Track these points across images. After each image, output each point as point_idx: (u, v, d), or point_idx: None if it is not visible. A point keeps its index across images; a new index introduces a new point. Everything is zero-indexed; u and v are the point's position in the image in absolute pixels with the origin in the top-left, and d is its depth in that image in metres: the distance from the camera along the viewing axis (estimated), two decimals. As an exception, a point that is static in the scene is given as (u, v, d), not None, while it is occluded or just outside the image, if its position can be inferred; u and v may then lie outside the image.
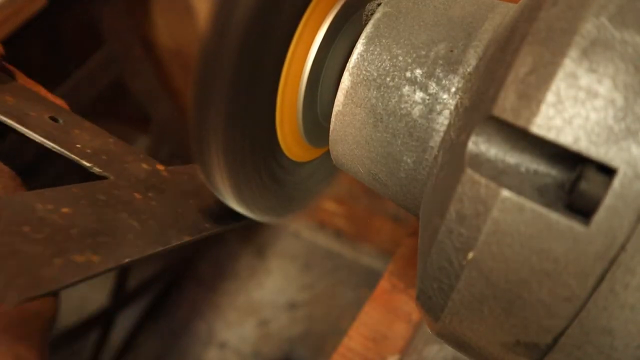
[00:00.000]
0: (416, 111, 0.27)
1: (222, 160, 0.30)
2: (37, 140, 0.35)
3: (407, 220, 0.91)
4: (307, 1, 0.30)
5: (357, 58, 0.29)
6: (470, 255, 0.22)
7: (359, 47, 0.29)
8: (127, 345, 0.92)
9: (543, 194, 0.20)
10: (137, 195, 0.35)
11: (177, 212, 0.35)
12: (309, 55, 0.31)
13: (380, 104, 0.28)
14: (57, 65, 0.77)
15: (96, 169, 0.35)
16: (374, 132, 0.29)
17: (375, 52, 0.28)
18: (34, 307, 0.25)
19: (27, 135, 0.35)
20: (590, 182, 0.19)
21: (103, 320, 0.87)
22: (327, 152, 0.34)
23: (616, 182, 0.18)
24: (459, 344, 0.26)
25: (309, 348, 0.91)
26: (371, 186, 0.32)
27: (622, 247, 0.19)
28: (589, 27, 0.20)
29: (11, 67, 0.41)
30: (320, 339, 0.92)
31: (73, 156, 0.35)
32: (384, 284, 0.58)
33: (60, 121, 0.38)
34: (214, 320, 0.95)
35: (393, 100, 0.28)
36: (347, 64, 0.29)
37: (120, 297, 0.89)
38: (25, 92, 0.39)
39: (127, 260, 0.30)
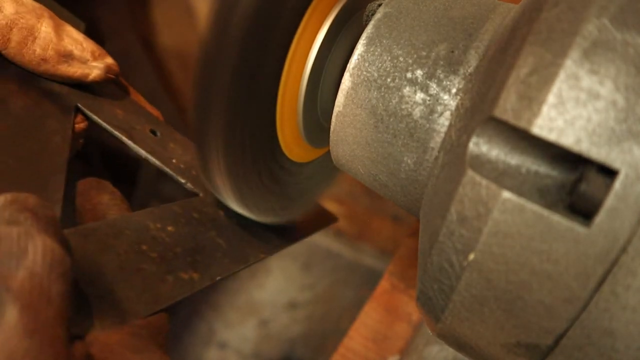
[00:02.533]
0: (417, 112, 0.27)
1: (222, 161, 0.30)
2: (142, 155, 0.37)
3: (407, 220, 0.91)
4: (307, 1, 0.30)
5: (358, 59, 0.29)
6: (471, 256, 0.22)
7: (359, 48, 0.29)
8: (127, 345, 0.92)
9: (544, 195, 0.20)
10: (221, 213, 0.36)
11: (253, 230, 0.37)
12: (309, 55, 0.31)
13: (380, 104, 0.28)
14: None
15: (189, 185, 0.37)
16: (374, 132, 0.29)
17: (376, 53, 0.28)
18: (157, 321, 0.27)
19: (134, 150, 0.37)
20: (591, 184, 0.19)
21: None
22: (328, 153, 0.34)
23: (617, 184, 0.18)
24: (460, 345, 0.26)
25: (309, 348, 0.91)
26: (371, 187, 0.32)
27: (624, 249, 0.19)
28: (590, 28, 0.19)
29: (124, 82, 0.42)
30: (320, 339, 0.92)
31: (171, 172, 0.37)
32: (384, 284, 0.58)
33: (158, 134, 0.40)
34: (214, 320, 0.95)
35: (394, 101, 0.28)
36: (348, 65, 0.29)
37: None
38: (131, 105, 0.41)
39: (218, 278, 0.32)
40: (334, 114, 0.30)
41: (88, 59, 0.37)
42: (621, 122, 0.19)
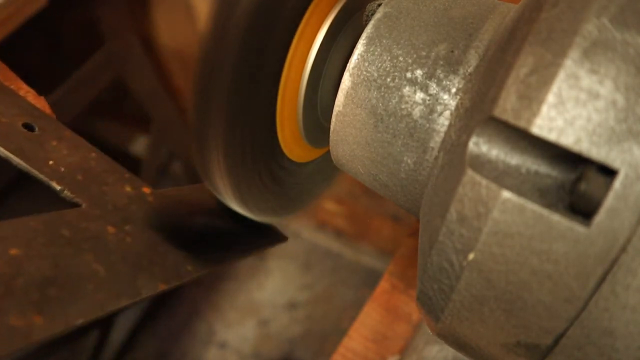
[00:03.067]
0: (417, 112, 0.27)
1: (222, 161, 0.30)
2: (2, 155, 0.30)
3: (407, 220, 0.91)
4: (307, 1, 0.30)
5: (358, 58, 0.29)
6: (471, 256, 0.22)
7: (359, 48, 0.29)
8: (127, 345, 0.92)
9: (544, 195, 0.20)
10: (110, 229, 0.29)
11: (156, 250, 0.30)
12: (309, 55, 0.31)
13: (380, 104, 0.28)
14: (57, 65, 0.77)
15: (67, 193, 0.30)
16: (374, 132, 0.29)
17: (376, 53, 0.28)
18: None
19: None
20: (591, 183, 0.19)
21: (103, 320, 0.87)
22: (328, 153, 0.34)
23: (617, 183, 0.18)
24: (460, 345, 0.26)
25: (309, 348, 0.91)
26: (372, 187, 0.32)
27: (623, 248, 0.19)
28: (590, 28, 0.20)
29: None
30: (320, 339, 0.92)
31: (42, 176, 0.30)
32: (384, 284, 0.58)
33: (36, 129, 0.33)
34: (214, 320, 0.95)
35: (393, 101, 0.28)
36: (348, 65, 0.29)
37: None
38: (0, 90, 0.34)
39: (79, 321, 0.24)
40: (334, 113, 0.30)
41: None
42: (621, 121, 0.19)
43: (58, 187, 0.30)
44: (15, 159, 0.30)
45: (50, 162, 0.31)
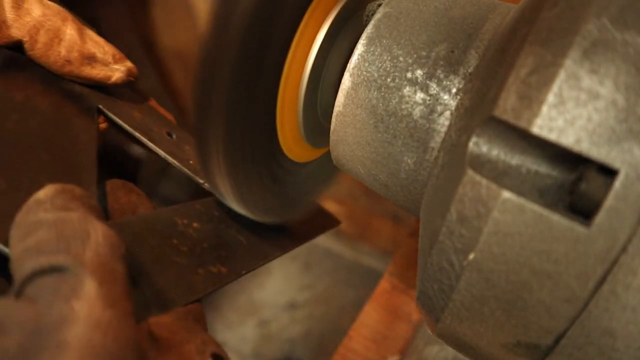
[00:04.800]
0: (417, 112, 0.27)
1: (222, 161, 0.30)
2: (162, 155, 0.38)
3: (407, 220, 0.91)
4: (307, 1, 0.30)
5: (358, 59, 0.29)
6: (471, 256, 0.22)
7: (359, 48, 0.29)
8: (127, 345, 0.92)
9: (544, 195, 0.20)
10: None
11: (267, 229, 0.37)
12: (309, 55, 0.31)
13: (380, 104, 0.28)
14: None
15: (207, 186, 0.37)
16: (374, 132, 0.29)
17: (376, 53, 0.28)
18: (195, 309, 0.28)
19: (154, 150, 0.38)
20: (591, 183, 0.19)
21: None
22: (328, 153, 0.34)
23: (617, 183, 0.18)
24: (460, 345, 0.26)
25: (309, 348, 0.91)
26: (372, 187, 0.32)
27: (624, 249, 0.19)
28: (590, 28, 0.20)
29: (140, 90, 0.43)
30: (320, 339, 0.92)
31: (189, 172, 0.38)
32: (384, 284, 0.58)
33: (174, 136, 0.41)
34: (214, 320, 0.95)
35: (394, 101, 0.28)
36: (348, 65, 0.29)
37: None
38: (147, 108, 0.42)
39: (244, 272, 0.33)
40: (334, 114, 0.30)
41: (110, 62, 0.38)
42: (621, 121, 0.19)
43: (201, 181, 0.38)
44: (170, 159, 0.38)
45: (191, 162, 0.39)
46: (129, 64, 0.39)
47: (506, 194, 0.20)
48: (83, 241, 0.21)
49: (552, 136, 0.19)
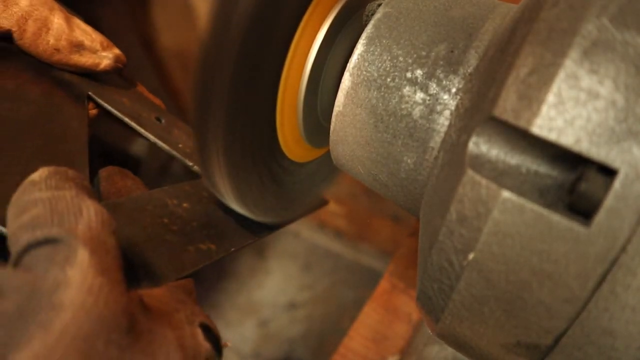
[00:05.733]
0: (417, 112, 0.27)
1: (222, 161, 0.30)
2: (151, 140, 0.39)
3: (407, 220, 0.91)
4: (307, 1, 0.30)
5: (358, 58, 0.29)
6: (471, 256, 0.22)
7: (359, 48, 0.29)
8: (127, 345, 0.92)
9: (544, 195, 0.20)
10: None
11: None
12: (309, 55, 0.31)
13: (380, 104, 0.28)
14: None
15: (196, 168, 0.39)
16: (374, 132, 0.29)
17: (376, 53, 0.28)
18: (186, 284, 0.29)
19: (144, 135, 0.39)
20: (591, 183, 0.19)
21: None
22: (328, 153, 0.34)
23: (617, 183, 0.18)
24: (460, 345, 0.26)
25: (309, 348, 0.91)
26: (372, 187, 0.32)
27: (623, 249, 0.19)
28: (590, 28, 0.20)
29: (127, 74, 0.44)
30: (320, 339, 0.92)
31: (178, 155, 0.39)
32: (384, 284, 0.58)
33: (163, 121, 0.42)
34: (214, 320, 0.95)
35: (393, 101, 0.28)
36: (348, 65, 0.29)
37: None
38: (135, 94, 0.43)
39: (232, 249, 0.34)
40: (334, 113, 0.30)
41: (98, 49, 0.39)
42: (621, 121, 0.19)
43: (190, 163, 0.39)
44: (161, 144, 0.39)
45: (180, 145, 0.40)
46: (116, 50, 0.40)
47: (506, 194, 0.20)
48: (76, 216, 0.22)
49: (552, 136, 0.19)
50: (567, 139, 0.19)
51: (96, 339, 0.19)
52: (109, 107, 0.39)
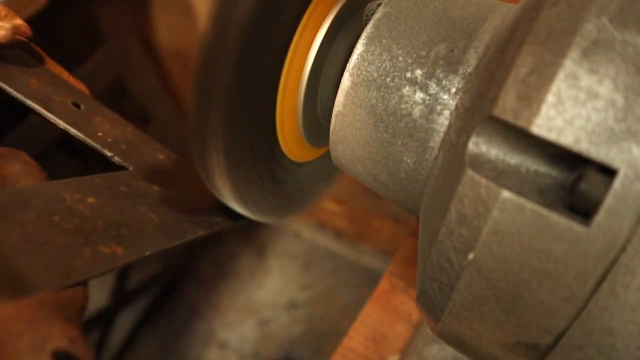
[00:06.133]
0: (416, 111, 0.27)
1: (222, 160, 0.30)
2: (60, 126, 0.35)
3: (407, 220, 0.91)
4: (307, 1, 0.30)
5: (358, 58, 0.29)
6: (471, 255, 0.22)
7: (359, 48, 0.29)
8: (127, 345, 0.92)
9: (543, 195, 0.20)
10: (154, 188, 0.35)
11: (191, 205, 0.35)
12: (309, 55, 0.31)
13: (380, 104, 0.28)
14: (57, 65, 0.77)
15: (117, 159, 0.36)
16: (374, 132, 0.29)
17: (376, 53, 0.28)
18: (69, 294, 0.26)
19: (52, 121, 0.35)
20: (590, 183, 0.19)
21: (103, 320, 0.87)
22: (327, 153, 0.34)
23: (617, 183, 0.18)
24: (459, 344, 0.26)
25: (309, 348, 0.91)
26: (371, 186, 0.32)
27: (623, 248, 0.19)
28: (589, 28, 0.20)
29: (38, 49, 0.40)
30: (320, 339, 0.92)
31: (95, 144, 0.36)
32: (384, 284, 0.58)
33: (82, 107, 0.38)
34: (214, 320, 0.95)
35: (393, 101, 0.28)
36: (348, 65, 0.29)
37: (120, 297, 0.89)
38: (48, 75, 0.39)
39: (147, 252, 0.30)
40: (334, 113, 0.30)
41: None
42: (620, 121, 0.19)
43: (109, 154, 0.36)
44: (73, 131, 0.35)
45: (99, 134, 0.37)
46: (18, 21, 0.36)
47: (506, 194, 0.20)
48: None
49: (552, 136, 0.19)
50: (566, 139, 0.19)
51: None
52: (8, 88, 0.35)
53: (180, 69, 0.82)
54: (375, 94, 0.28)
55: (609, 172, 0.19)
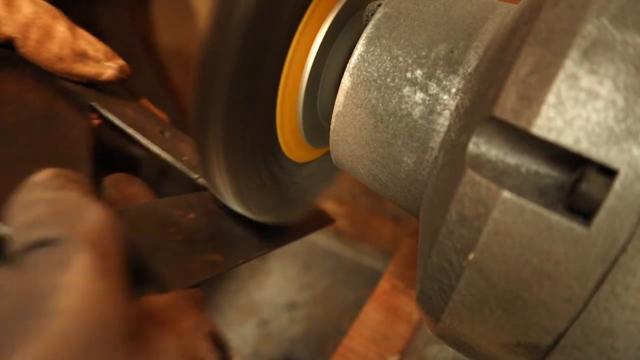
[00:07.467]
0: (416, 112, 0.27)
1: (222, 161, 0.30)
2: (155, 152, 0.39)
3: (407, 220, 0.91)
4: (307, 1, 0.30)
5: (358, 59, 0.29)
6: (471, 256, 0.22)
7: (359, 48, 0.29)
8: (127, 345, 0.92)
9: (544, 195, 0.20)
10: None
11: (261, 224, 0.38)
12: (309, 55, 0.31)
13: (380, 104, 0.28)
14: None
15: (201, 181, 0.39)
16: (374, 132, 0.29)
17: (376, 53, 0.28)
18: (194, 293, 0.29)
19: (148, 147, 0.39)
20: (591, 183, 0.19)
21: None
22: (328, 153, 0.34)
23: (617, 184, 0.18)
24: (460, 345, 0.26)
25: (309, 348, 0.91)
26: (372, 187, 0.32)
27: (623, 249, 0.19)
28: (589, 28, 0.20)
29: (131, 88, 0.44)
30: (320, 339, 0.92)
31: (184, 168, 0.39)
32: (384, 284, 0.58)
33: (167, 134, 0.41)
34: (214, 320, 0.95)
35: (393, 101, 0.28)
36: (348, 65, 0.29)
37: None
38: (139, 107, 0.43)
39: (241, 261, 0.34)
40: (334, 114, 0.30)
41: (101, 59, 0.38)
42: (620, 121, 0.19)
43: (195, 176, 0.39)
44: (165, 155, 0.39)
45: (185, 157, 0.40)
46: (120, 61, 0.40)
47: (506, 194, 0.20)
48: (77, 217, 0.21)
49: (552, 136, 0.19)
50: (566, 139, 0.19)
51: (91, 347, 0.19)
52: (113, 118, 0.39)
53: (180, 68, 0.82)
54: (375, 95, 0.28)
55: (609, 173, 0.19)
